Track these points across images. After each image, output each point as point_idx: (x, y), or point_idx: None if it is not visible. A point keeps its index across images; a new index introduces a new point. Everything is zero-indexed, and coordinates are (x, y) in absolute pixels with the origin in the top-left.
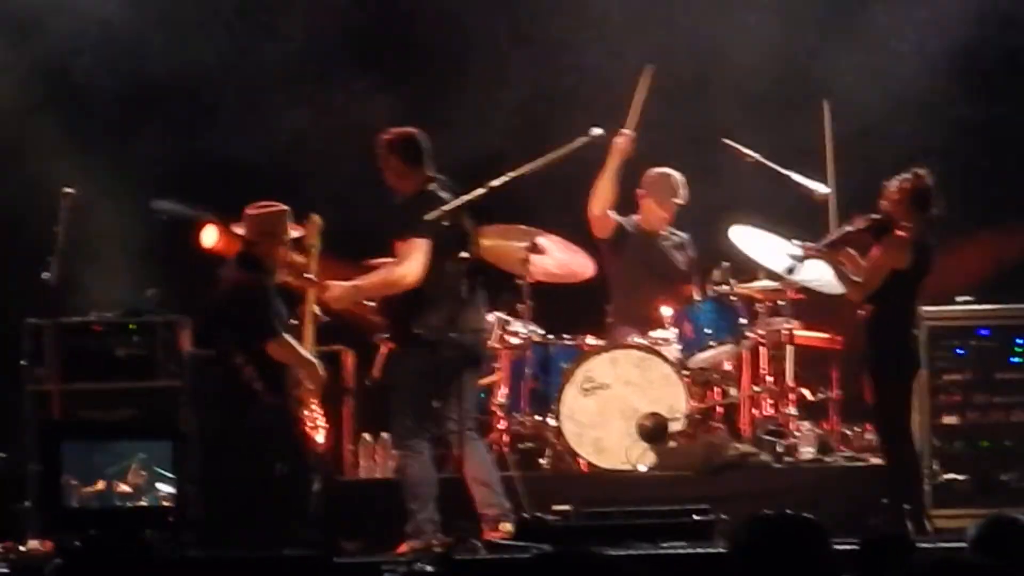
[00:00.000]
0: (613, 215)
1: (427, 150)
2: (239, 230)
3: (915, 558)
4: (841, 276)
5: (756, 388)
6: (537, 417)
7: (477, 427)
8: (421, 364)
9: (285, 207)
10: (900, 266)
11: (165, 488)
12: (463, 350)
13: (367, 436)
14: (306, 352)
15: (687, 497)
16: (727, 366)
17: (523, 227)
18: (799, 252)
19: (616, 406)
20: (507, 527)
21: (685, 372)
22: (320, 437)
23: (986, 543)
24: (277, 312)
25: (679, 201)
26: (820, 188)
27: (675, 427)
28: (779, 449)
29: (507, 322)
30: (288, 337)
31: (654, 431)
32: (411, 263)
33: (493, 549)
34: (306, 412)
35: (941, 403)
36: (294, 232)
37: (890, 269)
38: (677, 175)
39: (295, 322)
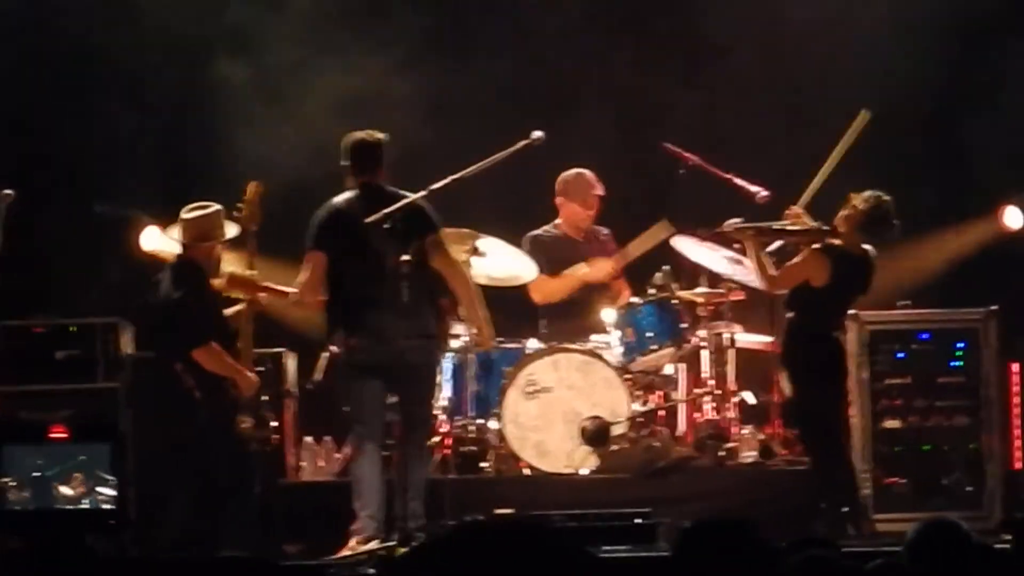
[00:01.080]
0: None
1: (366, 156)
2: (174, 234)
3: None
4: (759, 264)
5: (697, 391)
6: (479, 421)
7: (382, 435)
8: (348, 368)
9: (219, 207)
10: (815, 282)
11: (106, 491)
12: (385, 357)
13: (309, 439)
14: (230, 361)
15: (629, 500)
16: (668, 370)
17: (464, 230)
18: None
19: (558, 409)
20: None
21: (627, 376)
22: (261, 440)
23: (922, 547)
24: (208, 319)
25: (599, 193)
26: (761, 191)
27: (617, 430)
28: (720, 453)
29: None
30: (214, 346)
31: (596, 434)
32: (298, 278)
33: None
34: (247, 416)
35: (882, 407)
36: (231, 230)
37: (805, 278)
38: (588, 172)
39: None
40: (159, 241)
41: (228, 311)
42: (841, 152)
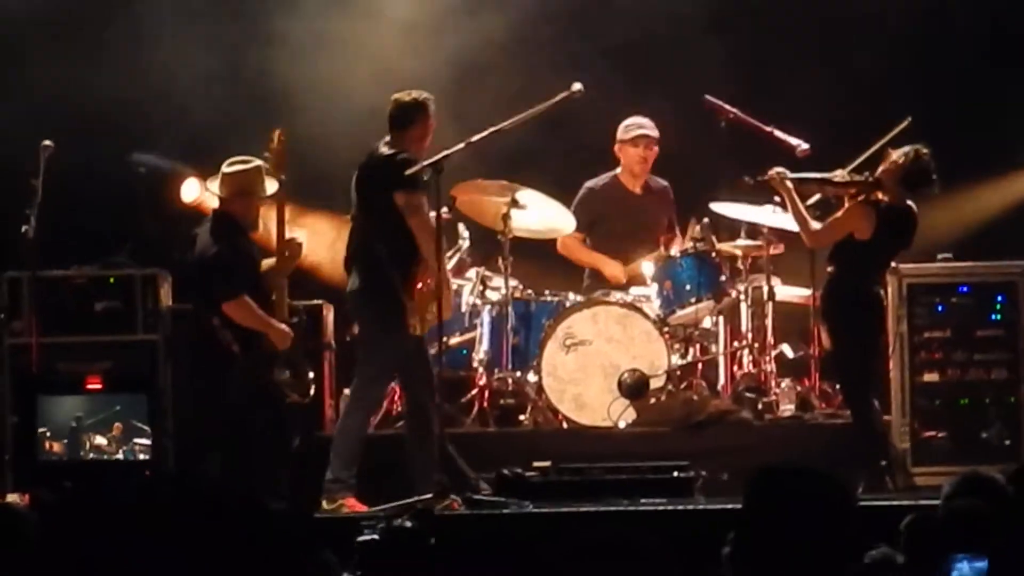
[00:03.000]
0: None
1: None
2: (214, 187)
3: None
4: (798, 217)
5: (736, 345)
6: (518, 374)
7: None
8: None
9: (260, 162)
10: (861, 235)
11: (142, 441)
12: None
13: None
14: (261, 314)
15: (667, 453)
16: (707, 323)
17: (503, 182)
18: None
19: (597, 362)
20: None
21: (666, 329)
22: (300, 393)
23: (960, 500)
24: (243, 274)
25: (651, 134)
26: (802, 144)
27: (656, 384)
28: (759, 406)
29: (488, 278)
30: (245, 299)
31: (635, 387)
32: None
33: (472, 505)
34: (284, 369)
35: (921, 360)
36: (271, 186)
37: (848, 232)
38: (643, 118)
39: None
40: (200, 193)
41: (265, 263)
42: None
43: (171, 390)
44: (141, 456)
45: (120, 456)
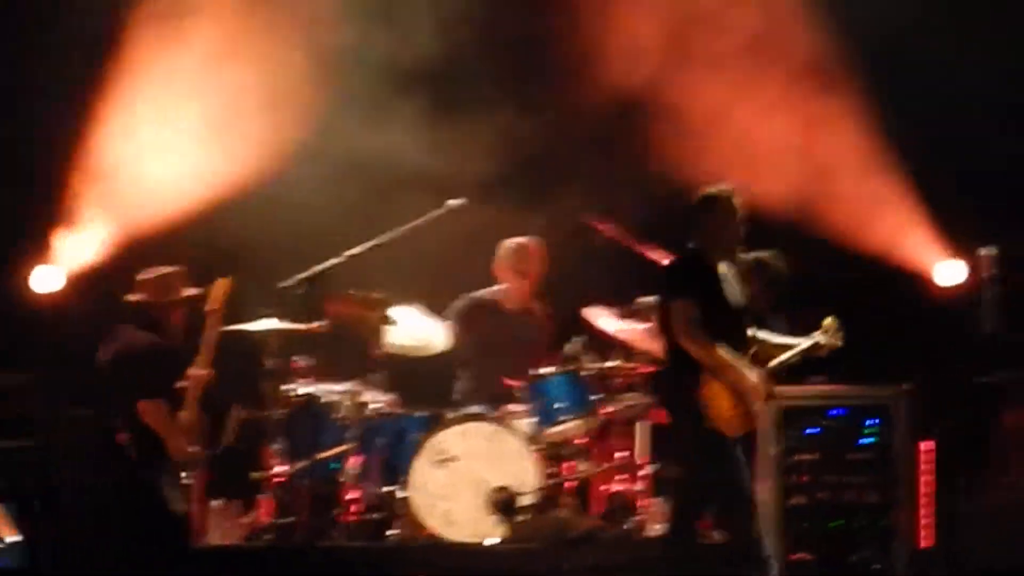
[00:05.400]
0: None
1: None
2: (132, 297)
3: None
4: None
5: (606, 464)
6: (387, 488)
7: None
8: None
9: (178, 269)
10: None
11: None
12: None
13: (217, 503)
14: (171, 425)
15: (536, 572)
16: (579, 441)
17: (376, 295)
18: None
19: (467, 478)
20: None
21: (537, 446)
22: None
23: None
24: (160, 376)
25: (535, 267)
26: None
27: (525, 501)
28: (629, 525)
29: (360, 392)
30: (161, 404)
31: (504, 504)
32: None
33: None
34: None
35: (791, 483)
36: (189, 292)
37: None
38: (530, 242)
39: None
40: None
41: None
42: None
43: (62, 493)
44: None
45: None
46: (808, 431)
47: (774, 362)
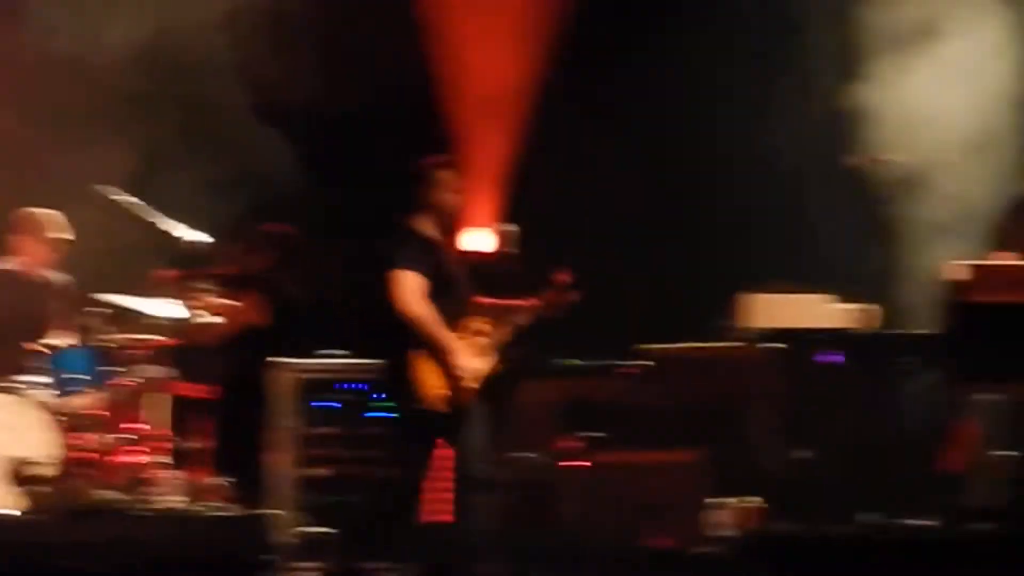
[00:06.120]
0: None
1: None
2: None
3: None
4: None
5: (128, 435)
6: None
7: None
8: None
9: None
10: None
11: None
12: None
13: None
14: None
15: (55, 544)
16: (97, 412)
17: None
18: None
19: None
20: None
21: (58, 417)
22: None
23: None
24: None
25: (65, 236)
26: (199, 237)
27: (43, 471)
28: (148, 497)
29: None
30: None
31: (22, 475)
32: None
33: None
34: None
35: (309, 456)
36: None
37: None
38: (52, 212)
39: None
40: None
41: None
42: None
43: None
44: None
45: None
46: (318, 403)
47: (495, 335)
